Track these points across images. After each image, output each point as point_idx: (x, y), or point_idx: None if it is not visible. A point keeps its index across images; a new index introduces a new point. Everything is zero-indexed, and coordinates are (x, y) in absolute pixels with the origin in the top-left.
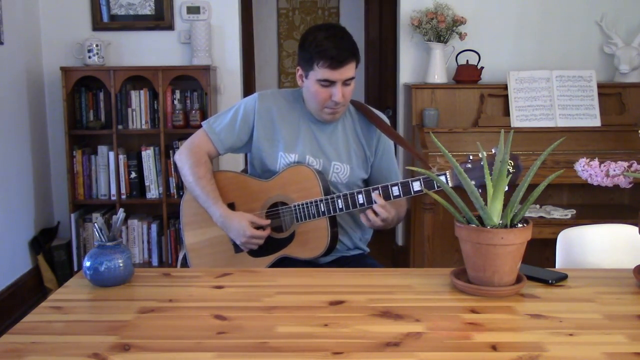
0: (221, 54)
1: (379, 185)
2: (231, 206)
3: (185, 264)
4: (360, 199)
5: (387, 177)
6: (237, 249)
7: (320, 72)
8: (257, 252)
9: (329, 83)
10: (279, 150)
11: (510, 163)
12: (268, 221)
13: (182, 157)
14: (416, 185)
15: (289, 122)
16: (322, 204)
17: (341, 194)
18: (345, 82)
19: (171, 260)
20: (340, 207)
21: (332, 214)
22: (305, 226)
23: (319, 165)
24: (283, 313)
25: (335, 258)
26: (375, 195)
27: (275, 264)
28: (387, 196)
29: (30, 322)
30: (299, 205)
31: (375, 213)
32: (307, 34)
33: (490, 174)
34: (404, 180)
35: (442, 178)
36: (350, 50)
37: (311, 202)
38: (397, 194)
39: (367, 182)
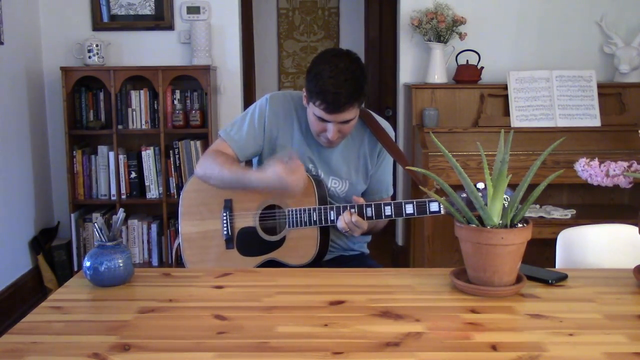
0: (221, 54)
1: (372, 203)
2: (229, 202)
3: (179, 252)
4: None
5: (378, 188)
6: (227, 245)
7: (316, 110)
8: (247, 252)
9: (325, 120)
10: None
11: None
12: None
13: (207, 163)
14: (409, 208)
15: (297, 129)
16: (314, 213)
17: (334, 206)
18: (344, 121)
19: (171, 260)
20: (332, 219)
21: (324, 224)
22: (296, 232)
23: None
24: (283, 313)
25: (335, 257)
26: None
27: (264, 266)
28: (379, 215)
29: (30, 322)
30: (292, 211)
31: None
32: (315, 63)
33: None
34: (397, 201)
35: (435, 205)
36: (353, 95)
37: (304, 210)
38: (389, 214)
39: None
